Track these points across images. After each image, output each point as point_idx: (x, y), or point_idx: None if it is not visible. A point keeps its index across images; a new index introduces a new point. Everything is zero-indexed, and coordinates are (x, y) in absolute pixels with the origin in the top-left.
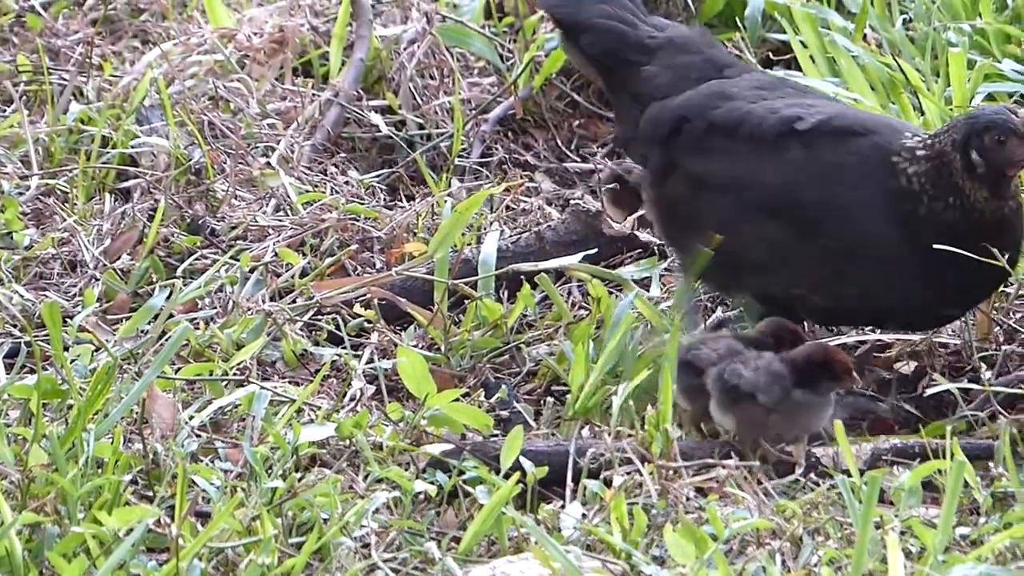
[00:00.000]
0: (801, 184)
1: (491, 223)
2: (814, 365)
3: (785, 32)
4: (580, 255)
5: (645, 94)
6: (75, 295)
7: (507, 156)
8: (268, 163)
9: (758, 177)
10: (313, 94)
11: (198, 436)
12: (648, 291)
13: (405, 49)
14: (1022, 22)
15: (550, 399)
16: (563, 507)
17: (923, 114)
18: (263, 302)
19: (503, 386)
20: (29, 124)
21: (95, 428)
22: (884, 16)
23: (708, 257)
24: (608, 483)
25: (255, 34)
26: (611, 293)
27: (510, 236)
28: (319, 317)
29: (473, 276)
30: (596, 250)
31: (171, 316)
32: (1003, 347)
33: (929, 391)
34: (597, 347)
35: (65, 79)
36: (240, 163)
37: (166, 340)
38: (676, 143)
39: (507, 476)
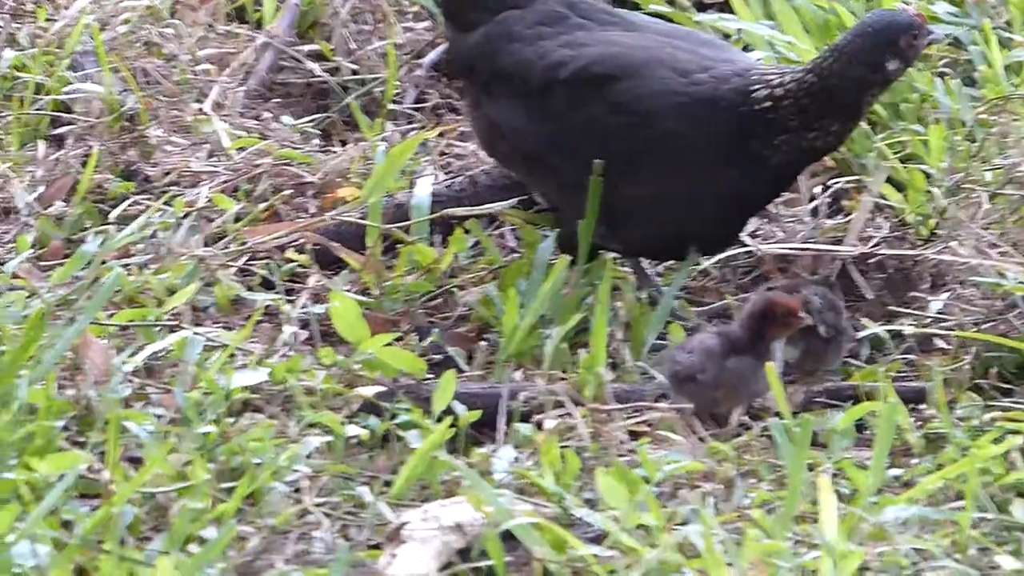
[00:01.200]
0: (564, 139)
1: (424, 167)
2: (757, 317)
3: None
4: (513, 200)
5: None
6: (8, 242)
7: (441, 101)
8: (202, 109)
9: (532, 128)
10: (247, 40)
11: (131, 382)
12: None
13: None
14: None
15: (483, 343)
16: (495, 450)
17: None
18: (196, 248)
19: (436, 330)
20: None
21: (28, 374)
22: None
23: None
24: (540, 426)
25: None
26: (545, 237)
27: (444, 181)
28: (252, 262)
29: (406, 221)
30: (529, 195)
31: (104, 262)
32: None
33: (860, 334)
34: (530, 291)
35: None
36: (174, 109)
37: (99, 286)
38: (473, 81)
39: (439, 420)
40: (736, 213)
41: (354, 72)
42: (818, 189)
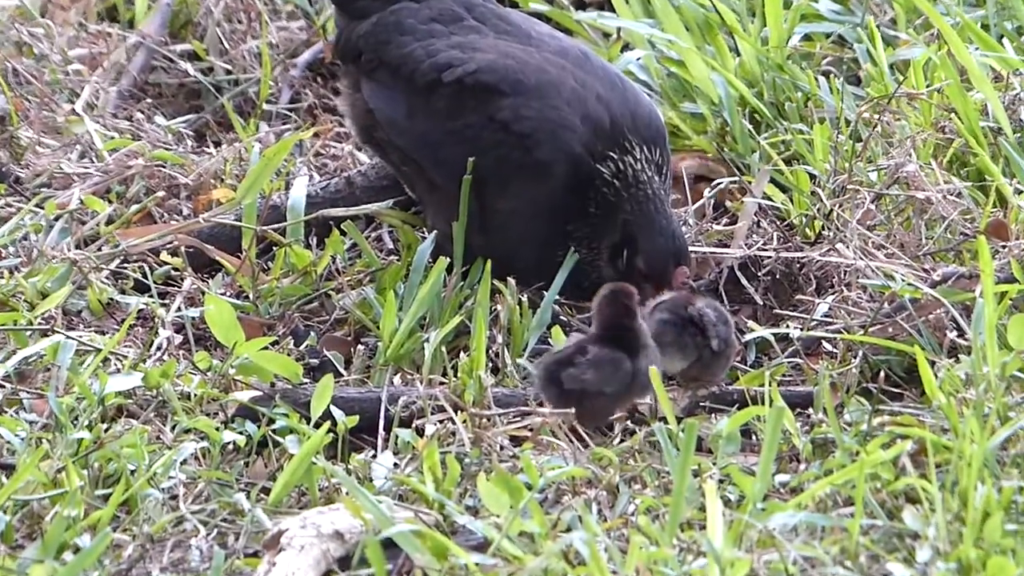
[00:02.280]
0: (438, 141)
1: (300, 168)
2: (606, 314)
3: None
4: (390, 200)
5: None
6: None
7: (316, 101)
8: (73, 110)
9: (408, 124)
10: (119, 39)
11: (2, 387)
12: None
13: None
14: None
15: (361, 347)
16: (375, 456)
17: (739, 55)
18: (68, 250)
19: (312, 334)
20: None
21: None
22: None
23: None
24: (420, 432)
25: None
26: (423, 239)
27: (319, 182)
28: (125, 265)
29: (282, 222)
30: (407, 196)
31: None
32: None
33: (746, 337)
34: (408, 294)
35: None
36: (45, 110)
37: None
38: (359, 67)
39: (317, 425)
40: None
41: (228, 72)
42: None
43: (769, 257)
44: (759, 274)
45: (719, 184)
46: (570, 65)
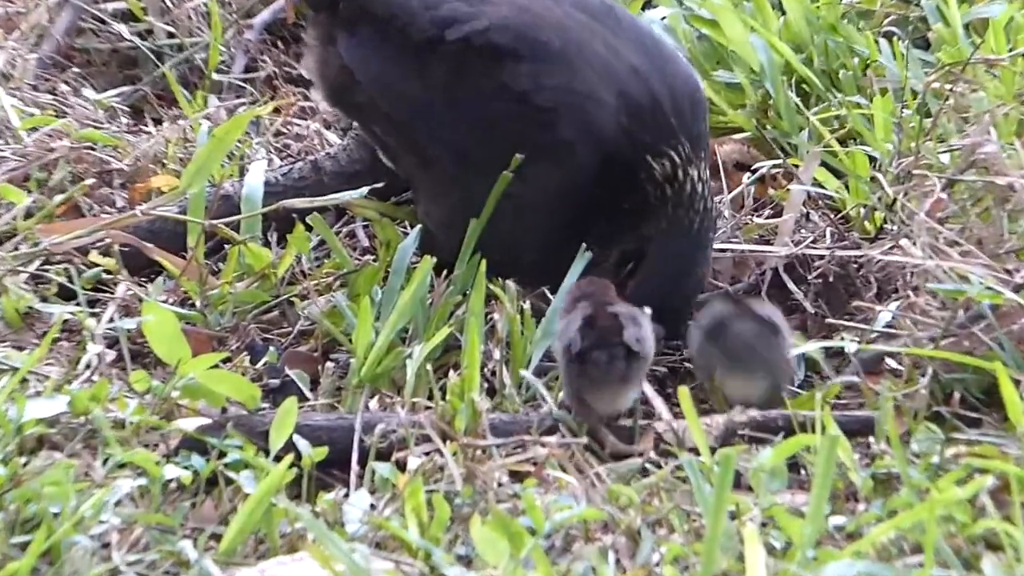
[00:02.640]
0: (436, 111)
1: (257, 151)
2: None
3: None
4: (365, 188)
5: None
6: None
7: (276, 70)
8: None
9: (399, 88)
10: None
11: None
12: None
13: None
14: None
15: (330, 364)
16: (347, 496)
17: (784, 13)
18: None
19: (272, 349)
20: None
21: None
22: None
23: None
24: (402, 466)
25: None
26: (404, 235)
27: (280, 167)
28: (47, 267)
29: (235, 215)
30: (385, 183)
31: None
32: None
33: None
34: (387, 300)
35: None
36: None
37: None
38: (335, 16)
39: (278, 459)
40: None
41: (170, 36)
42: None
43: (821, 256)
44: (808, 277)
45: (760, 169)
46: (597, 24)
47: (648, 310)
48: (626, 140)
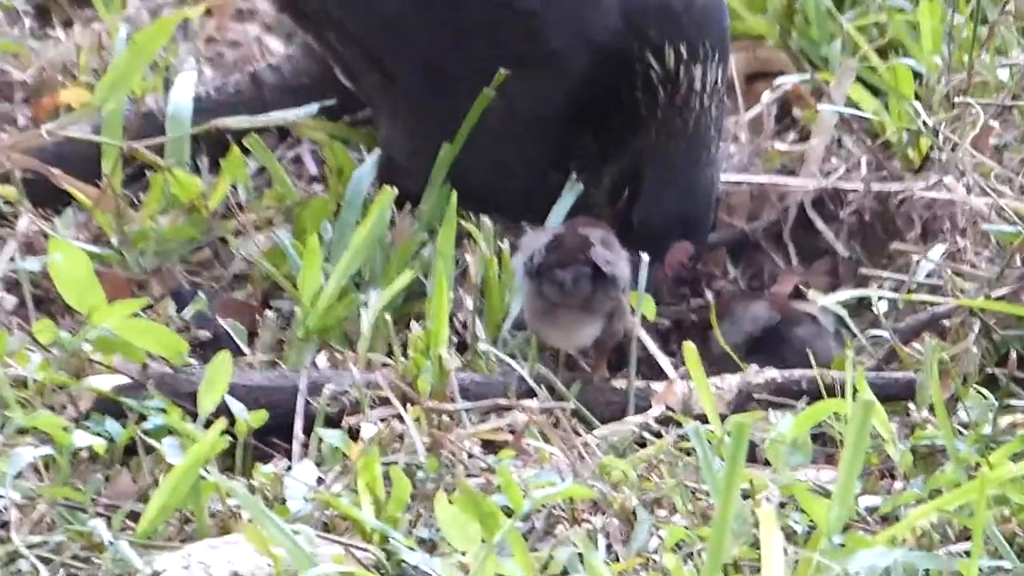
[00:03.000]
0: (402, 17)
1: (185, 61)
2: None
3: None
4: (314, 106)
5: None
6: None
7: None
8: None
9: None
10: None
11: None
12: None
13: None
14: None
15: (271, 313)
16: (289, 469)
17: None
18: None
19: (201, 295)
20: None
21: None
22: None
23: None
24: (354, 434)
25: None
26: (358, 161)
27: (213, 79)
28: None
29: (159, 136)
30: (337, 99)
31: None
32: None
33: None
34: (339, 239)
35: None
36: None
37: None
38: None
39: (208, 424)
40: None
41: None
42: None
43: (855, 190)
44: (841, 213)
45: (783, 85)
46: None
47: (644, 255)
48: (624, 43)
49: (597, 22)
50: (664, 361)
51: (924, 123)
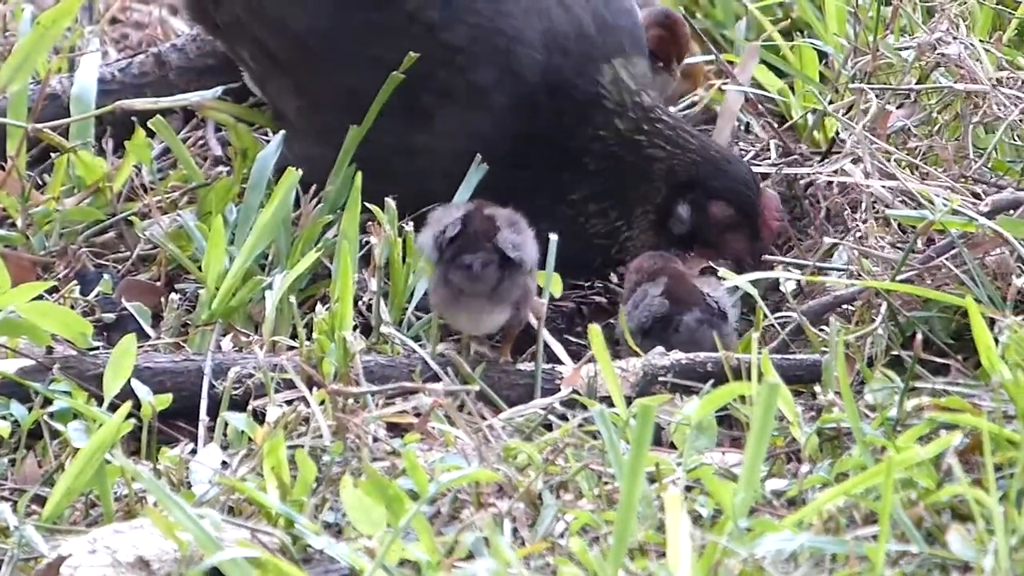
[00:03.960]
0: (324, 39)
1: (89, 41)
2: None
3: None
4: (218, 89)
5: None
6: None
7: None
8: None
9: (276, 10)
10: None
11: None
12: None
13: None
14: None
15: (175, 296)
16: (194, 452)
17: None
18: None
19: (107, 277)
20: None
21: None
22: None
23: None
24: (260, 417)
25: None
26: (265, 143)
27: (117, 60)
28: None
29: (64, 118)
30: (241, 82)
31: None
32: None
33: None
34: (243, 220)
35: None
36: None
37: None
38: None
39: (113, 408)
40: None
41: None
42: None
43: (765, 174)
44: None
45: (689, 66)
46: None
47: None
48: (551, 73)
49: (524, 55)
50: (558, 347)
51: (831, 103)
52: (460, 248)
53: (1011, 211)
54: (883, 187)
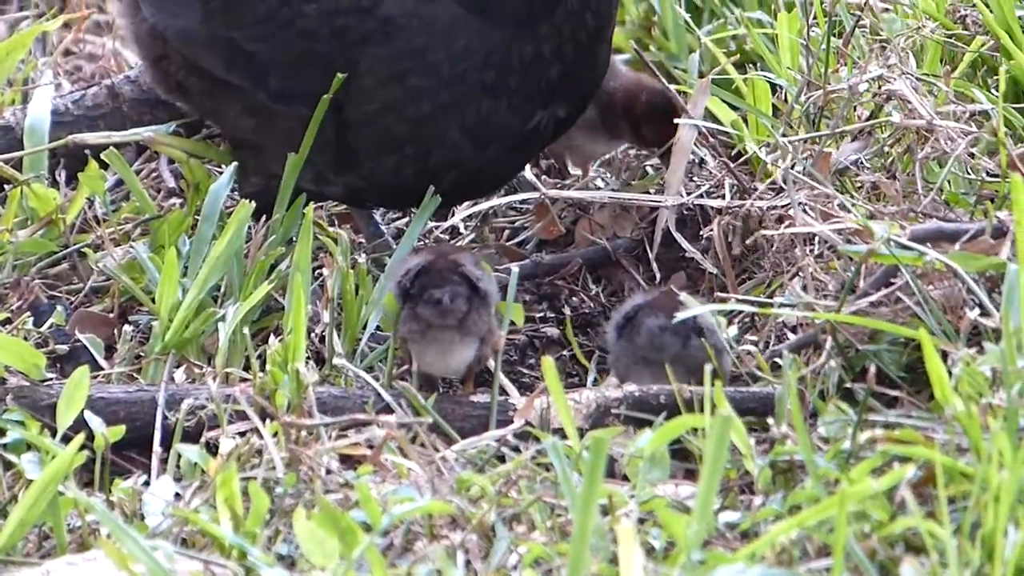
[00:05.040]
0: (264, 45)
1: (43, 73)
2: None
3: None
4: (172, 124)
5: None
6: None
7: None
8: None
9: (207, 30)
10: None
11: None
12: None
13: None
14: None
15: (128, 327)
16: (147, 484)
17: None
18: None
19: (59, 308)
20: None
21: None
22: None
23: None
24: (213, 449)
25: None
26: (217, 175)
27: (71, 92)
28: None
29: (17, 151)
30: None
31: None
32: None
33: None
34: (196, 252)
35: None
36: None
37: None
38: None
39: (66, 439)
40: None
41: None
42: None
43: (717, 209)
44: (703, 232)
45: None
46: None
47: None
48: None
49: None
50: (505, 381)
51: (780, 140)
52: (426, 283)
53: (950, 242)
54: (827, 228)
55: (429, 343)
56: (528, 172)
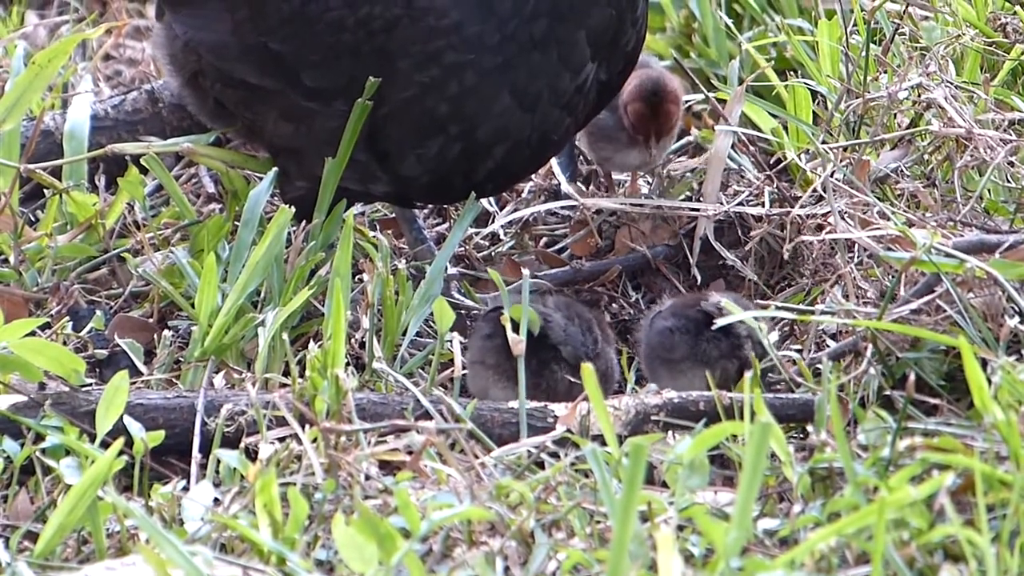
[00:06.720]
0: (301, 47)
1: (83, 79)
2: None
3: None
4: (211, 135)
5: None
6: None
7: None
8: None
9: (239, 40)
10: None
11: None
12: None
13: None
14: None
15: (168, 333)
16: (186, 489)
17: None
18: None
19: (99, 314)
20: None
21: None
22: None
23: None
24: (252, 454)
25: None
26: (258, 180)
27: (111, 97)
28: None
29: (57, 157)
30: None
31: None
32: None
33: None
34: (236, 258)
35: None
36: None
37: None
38: None
39: (105, 444)
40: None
41: None
42: None
43: (757, 217)
44: (742, 239)
45: (686, 103)
46: None
47: None
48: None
49: None
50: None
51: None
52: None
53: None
54: (868, 237)
55: (507, 382)
56: (565, 184)
